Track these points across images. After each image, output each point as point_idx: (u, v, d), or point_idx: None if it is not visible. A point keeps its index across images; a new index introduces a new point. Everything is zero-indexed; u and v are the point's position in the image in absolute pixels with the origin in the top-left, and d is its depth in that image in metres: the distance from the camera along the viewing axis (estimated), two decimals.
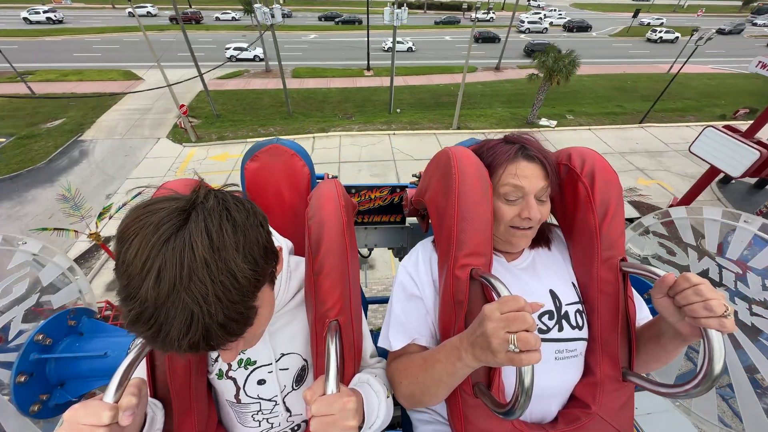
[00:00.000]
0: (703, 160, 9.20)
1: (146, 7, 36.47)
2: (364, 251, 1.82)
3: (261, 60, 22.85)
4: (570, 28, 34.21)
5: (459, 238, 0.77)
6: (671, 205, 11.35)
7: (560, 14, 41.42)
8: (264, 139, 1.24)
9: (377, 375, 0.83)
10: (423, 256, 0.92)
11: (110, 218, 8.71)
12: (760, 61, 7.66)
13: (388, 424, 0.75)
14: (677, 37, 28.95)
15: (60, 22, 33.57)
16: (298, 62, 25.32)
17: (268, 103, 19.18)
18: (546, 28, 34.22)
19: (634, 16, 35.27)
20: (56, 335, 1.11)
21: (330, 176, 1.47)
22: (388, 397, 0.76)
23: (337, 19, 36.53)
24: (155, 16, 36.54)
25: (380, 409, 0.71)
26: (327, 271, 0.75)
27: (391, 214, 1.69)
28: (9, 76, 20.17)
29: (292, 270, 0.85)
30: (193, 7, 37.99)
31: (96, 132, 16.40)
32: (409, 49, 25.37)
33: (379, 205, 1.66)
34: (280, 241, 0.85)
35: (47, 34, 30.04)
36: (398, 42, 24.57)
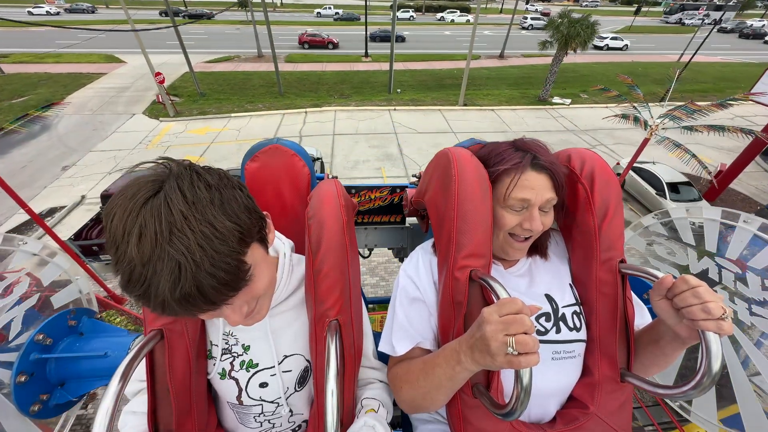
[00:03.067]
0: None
1: (43, 6, 36.02)
2: (364, 251, 1.75)
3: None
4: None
5: (458, 239, 0.74)
6: (719, 172, 9.93)
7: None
8: (264, 139, 1.10)
9: (377, 396, 0.83)
10: (423, 259, 0.89)
11: (2, 131, 6.69)
12: None
13: None
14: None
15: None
16: (293, 51, 24.17)
17: (258, 84, 17.73)
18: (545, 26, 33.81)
19: (636, 13, 34.79)
20: (56, 335, 1.10)
21: (330, 176, 1.45)
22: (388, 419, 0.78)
23: (182, 14, 34.24)
24: (58, 14, 35.33)
25: None
26: (327, 270, 0.73)
27: (391, 214, 1.64)
28: None
29: (294, 264, 0.82)
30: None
31: (64, 108, 14.79)
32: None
33: (379, 206, 1.61)
34: (282, 240, 0.83)
35: (31, 25, 28.91)
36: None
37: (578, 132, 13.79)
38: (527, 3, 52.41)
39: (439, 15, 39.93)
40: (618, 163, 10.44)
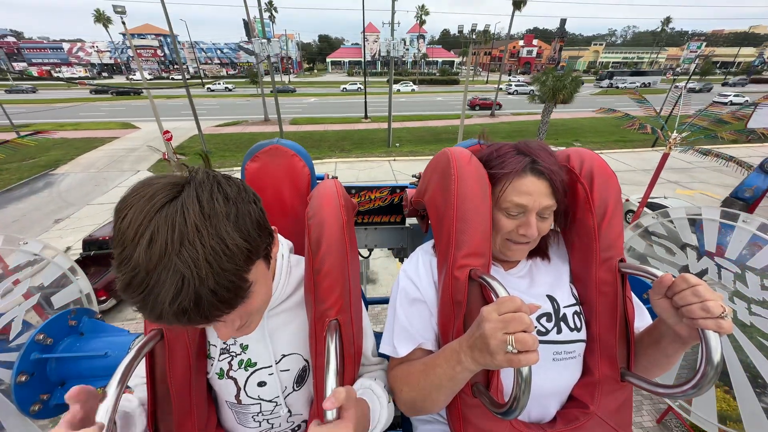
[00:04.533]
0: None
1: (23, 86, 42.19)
2: (364, 251, 1.72)
3: None
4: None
5: (458, 238, 0.75)
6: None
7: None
8: (265, 140, 1.08)
9: (377, 378, 0.82)
10: (423, 259, 0.88)
11: None
12: None
13: (388, 426, 0.75)
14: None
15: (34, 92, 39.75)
16: (297, 115, 25.97)
17: None
18: (532, 90, 36.90)
19: (610, 78, 38.40)
20: (57, 335, 1.09)
21: (330, 176, 1.38)
22: (389, 402, 0.76)
23: (111, 91, 37.11)
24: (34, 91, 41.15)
25: (381, 415, 0.72)
26: (327, 270, 0.73)
27: (391, 214, 1.62)
28: (4, 128, 19.95)
29: (292, 266, 0.82)
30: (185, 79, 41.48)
31: (71, 167, 15.19)
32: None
33: (378, 206, 1.59)
34: (281, 241, 0.82)
35: (59, 101, 31.74)
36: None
37: None
38: (509, 75, 58.57)
39: (395, 87, 43.14)
40: (627, 200, 10.13)
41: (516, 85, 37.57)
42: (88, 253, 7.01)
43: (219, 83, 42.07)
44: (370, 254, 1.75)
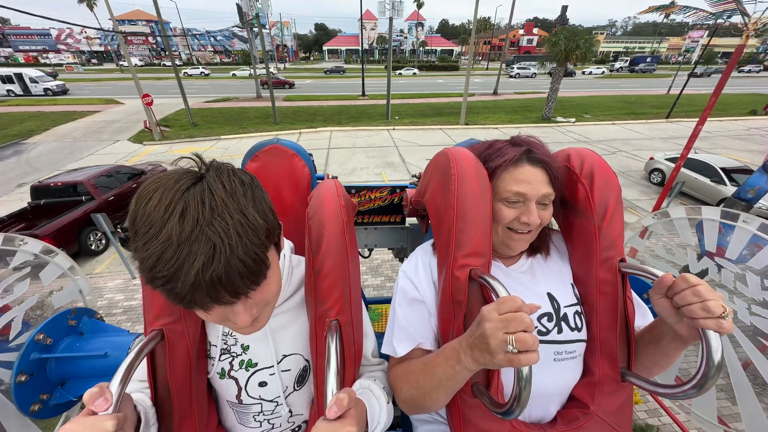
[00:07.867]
0: None
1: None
2: (364, 251, 1.73)
3: None
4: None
5: (458, 238, 0.75)
6: None
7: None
8: (264, 139, 1.10)
9: (377, 378, 0.82)
10: (423, 259, 0.88)
11: None
12: None
13: (388, 427, 0.75)
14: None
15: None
16: (291, 93, 24.79)
17: (253, 116, 17.44)
18: (534, 74, 35.82)
19: (614, 60, 37.27)
20: (57, 335, 1.09)
21: (330, 176, 1.38)
22: (388, 402, 0.76)
23: None
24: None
25: (381, 415, 0.72)
26: (327, 270, 0.73)
27: (391, 214, 1.62)
28: None
29: (294, 266, 0.83)
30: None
31: (45, 137, 14.05)
32: None
33: (379, 206, 1.59)
34: (283, 241, 0.81)
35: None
36: None
37: (592, 142, 12.89)
38: (509, 66, 57.23)
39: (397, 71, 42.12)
40: (651, 158, 9.21)
41: (518, 68, 36.49)
42: (38, 201, 5.99)
43: (198, 68, 41.69)
44: (370, 254, 1.74)
